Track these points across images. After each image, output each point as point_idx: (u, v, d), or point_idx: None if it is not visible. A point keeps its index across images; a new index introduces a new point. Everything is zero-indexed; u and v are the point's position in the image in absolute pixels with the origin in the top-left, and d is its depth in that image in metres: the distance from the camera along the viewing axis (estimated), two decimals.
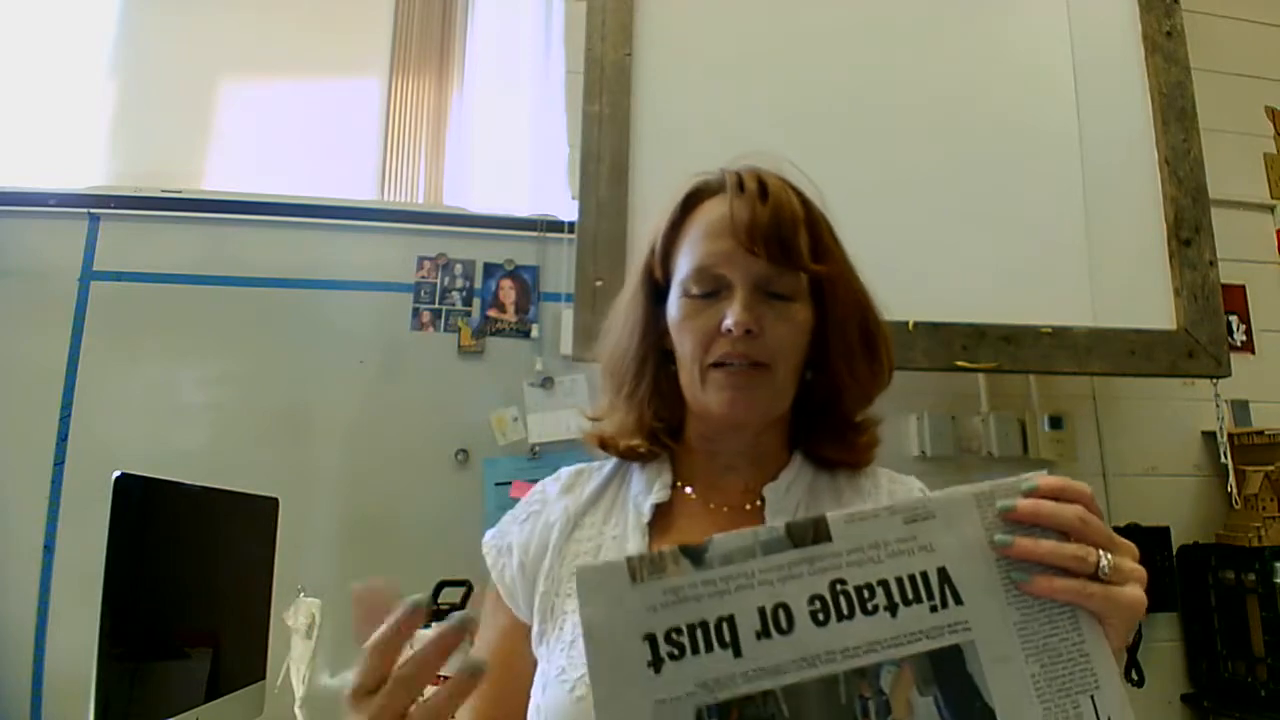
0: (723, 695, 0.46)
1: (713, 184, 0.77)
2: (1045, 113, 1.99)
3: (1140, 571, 0.51)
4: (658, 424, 0.79)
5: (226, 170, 2.20)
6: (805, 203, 0.76)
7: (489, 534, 0.82)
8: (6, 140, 2.10)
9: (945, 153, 1.93)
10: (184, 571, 1.24)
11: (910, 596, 0.48)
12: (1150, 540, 2.06)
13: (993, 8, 2.06)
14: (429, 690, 0.49)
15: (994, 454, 2.06)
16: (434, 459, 1.96)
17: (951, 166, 1.92)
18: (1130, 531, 2.07)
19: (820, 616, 0.47)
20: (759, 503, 0.77)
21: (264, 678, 1.46)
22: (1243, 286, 2.34)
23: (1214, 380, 1.94)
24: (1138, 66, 2.03)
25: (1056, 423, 2.11)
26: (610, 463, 0.85)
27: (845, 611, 0.47)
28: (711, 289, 0.73)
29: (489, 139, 2.30)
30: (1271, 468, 2.03)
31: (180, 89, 2.23)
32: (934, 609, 0.48)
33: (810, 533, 0.49)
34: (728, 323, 0.70)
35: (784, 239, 0.71)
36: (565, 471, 0.86)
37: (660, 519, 0.77)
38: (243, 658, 1.41)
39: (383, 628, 0.49)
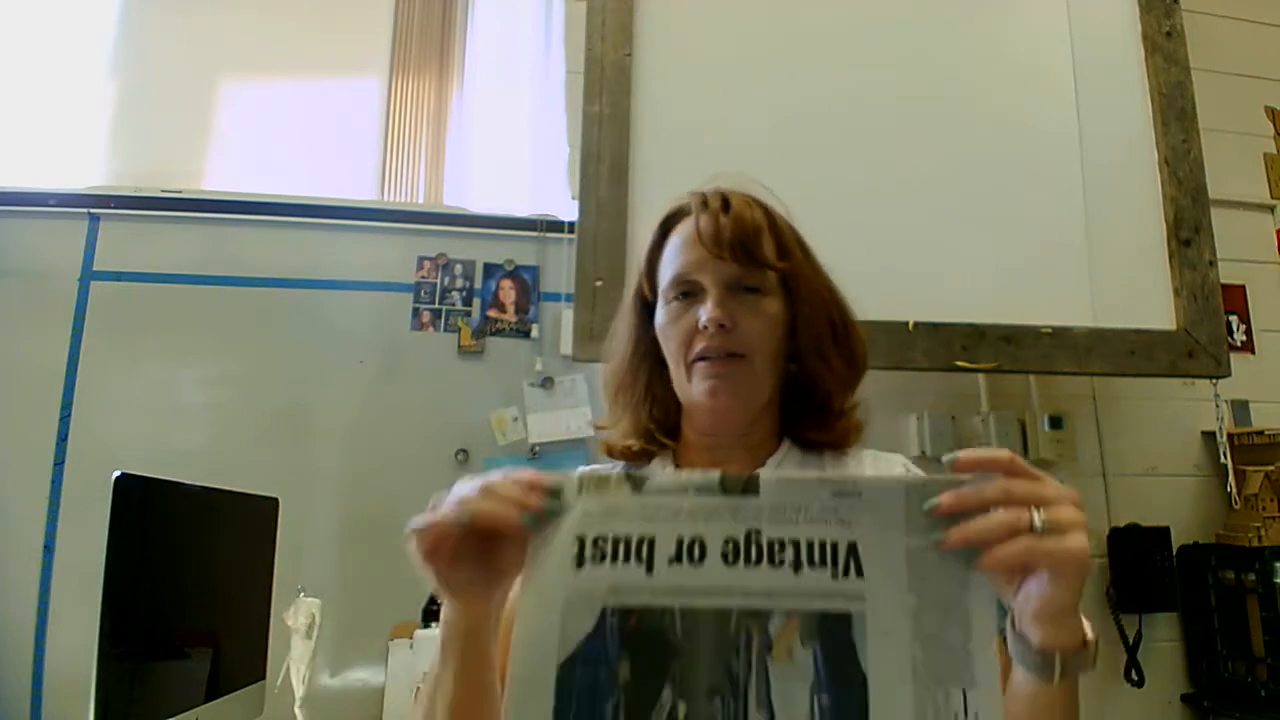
0: (627, 601, 0.52)
1: (685, 207, 0.86)
2: (1045, 113, 1.99)
3: (1079, 519, 0.51)
4: (652, 424, 0.86)
5: (226, 170, 2.20)
6: (768, 212, 0.84)
7: None
8: (6, 140, 2.10)
9: (945, 153, 1.93)
10: (184, 571, 1.24)
11: (816, 559, 0.52)
12: (1150, 540, 2.06)
13: (993, 8, 2.06)
14: None
15: None
16: (434, 459, 1.96)
17: (951, 166, 1.92)
18: (1130, 531, 2.07)
19: (730, 557, 0.53)
20: None
21: (264, 678, 1.46)
22: (1243, 286, 2.34)
23: (1214, 380, 1.94)
24: (1138, 66, 2.03)
25: (1056, 423, 2.10)
26: (620, 464, 0.90)
27: (753, 558, 0.52)
28: (688, 291, 0.81)
29: (489, 139, 2.31)
30: (1271, 468, 2.03)
31: (180, 89, 2.23)
32: (835, 576, 0.52)
33: (741, 485, 0.54)
34: (703, 319, 0.78)
35: (746, 242, 0.80)
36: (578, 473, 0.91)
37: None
38: (243, 658, 1.41)
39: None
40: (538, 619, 0.53)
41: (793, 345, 0.83)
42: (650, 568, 0.53)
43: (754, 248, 0.80)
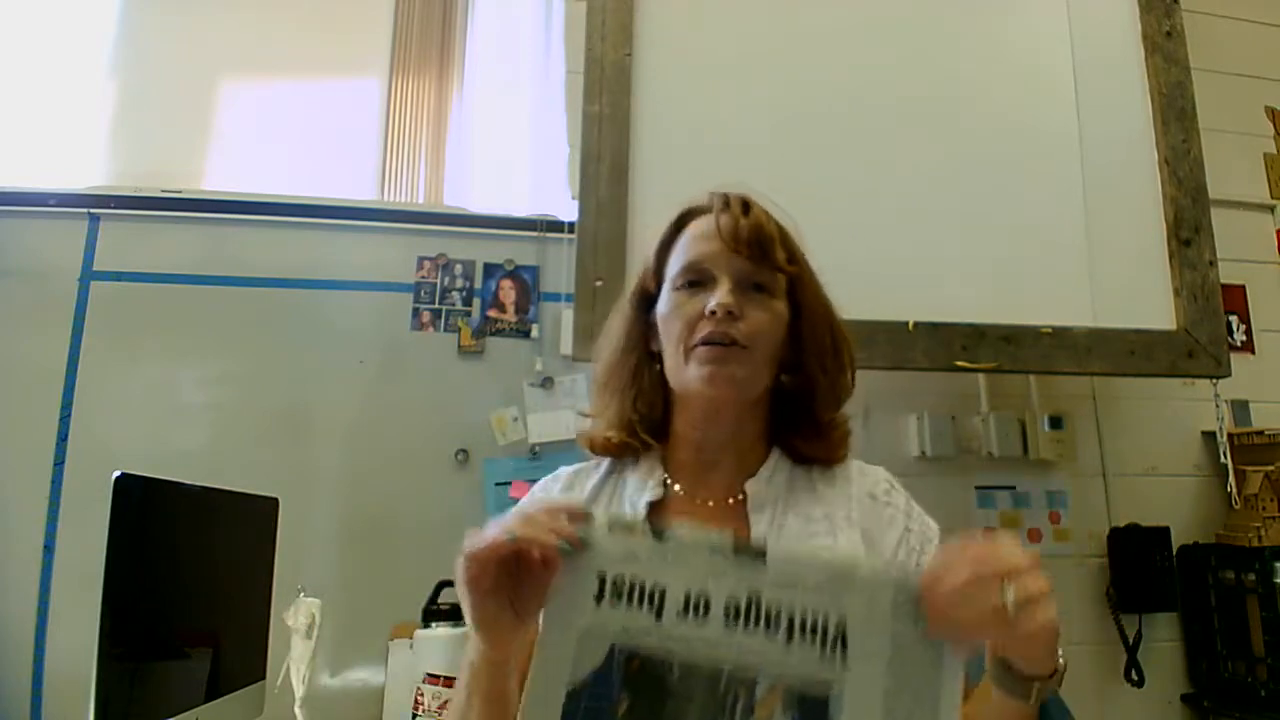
0: (635, 642, 0.57)
1: (701, 205, 0.88)
2: (1045, 113, 1.99)
3: (1044, 587, 0.55)
4: (635, 417, 0.87)
5: (226, 170, 2.20)
6: (780, 226, 0.87)
7: None
8: (6, 140, 2.10)
9: (945, 152, 1.93)
10: (184, 571, 1.24)
11: (806, 635, 0.57)
12: (1150, 540, 2.06)
13: (993, 8, 2.06)
14: None
15: (994, 454, 2.06)
16: (434, 459, 1.96)
17: (951, 166, 1.92)
18: (1130, 531, 2.07)
19: (731, 617, 0.57)
20: (741, 497, 0.85)
21: (264, 678, 1.46)
22: (1243, 286, 2.34)
23: (1214, 380, 1.94)
24: (1138, 66, 2.03)
25: (1056, 423, 2.11)
26: (605, 462, 0.92)
27: (751, 622, 0.57)
28: (698, 279, 0.83)
29: (489, 139, 2.30)
30: (1271, 468, 2.03)
31: (180, 89, 2.23)
32: (821, 654, 0.56)
33: (751, 551, 0.59)
34: (712, 304, 0.80)
35: (763, 243, 0.83)
36: (564, 471, 0.93)
37: (653, 515, 0.84)
38: (243, 658, 1.40)
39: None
40: (556, 645, 0.58)
41: (789, 353, 0.85)
42: (659, 615, 0.58)
43: (769, 249, 0.83)
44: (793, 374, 0.86)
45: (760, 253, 0.82)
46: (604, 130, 1.83)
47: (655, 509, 0.85)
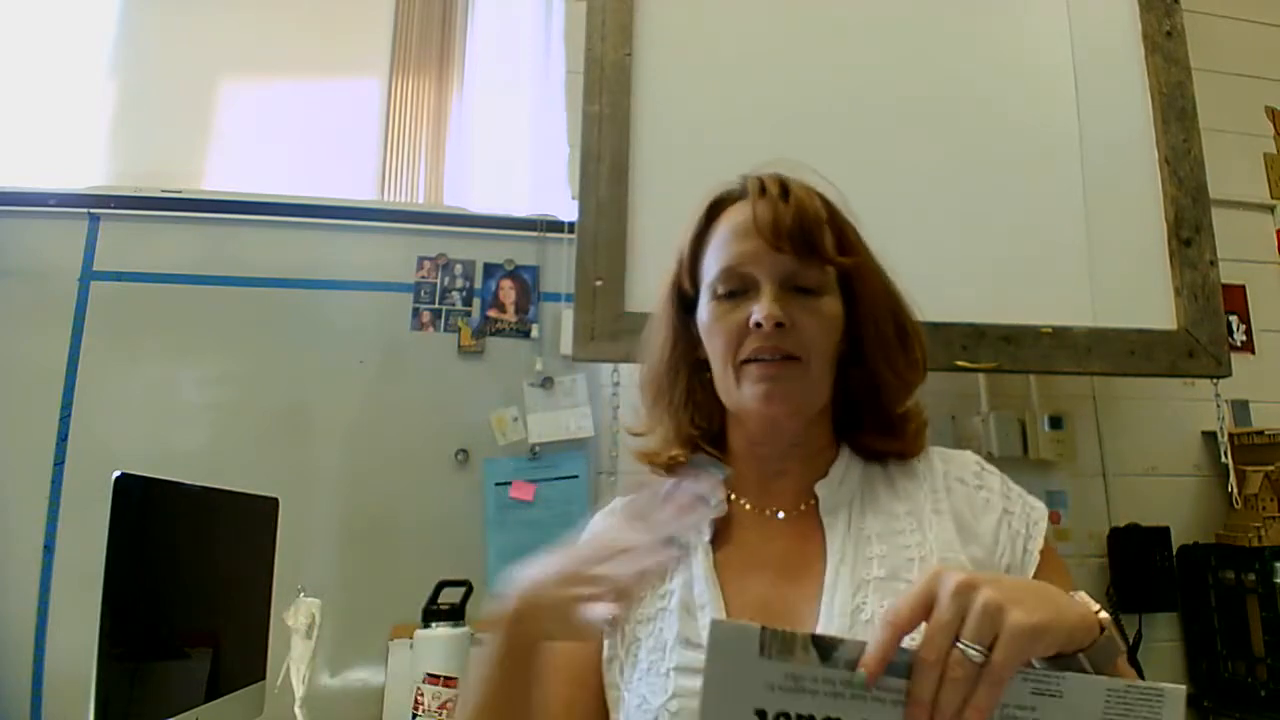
0: None
1: (734, 191, 0.80)
2: (1045, 113, 1.98)
3: (994, 601, 0.48)
4: (695, 431, 0.80)
5: (226, 170, 2.20)
6: (828, 203, 0.78)
7: None
8: (6, 140, 2.10)
9: (945, 152, 1.92)
10: (184, 571, 1.24)
11: None
12: (1150, 540, 2.06)
13: (993, 7, 2.05)
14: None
15: (994, 454, 2.06)
16: (434, 459, 1.96)
17: (951, 166, 1.92)
18: (1130, 531, 2.07)
19: None
20: (812, 501, 0.78)
21: (264, 678, 1.46)
22: (1243, 286, 2.34)
23: (1214, 380, 1.93)
24: (1138, 66, 2.03)
25: (1056, 423, 2.10)
26: (663, 485, 0.85)
27: None
28: (739, 287, 0.74)
29: (489, 139, 2.30)
30: (1271, 468, 2.03)
31: (180, 89, 2.23)
32: None
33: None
34: (757, 316, 0.71)
35: (808, 235, 0.73)
36: (618, 502, 0.86)
37: (719, 532, 0.78)
38: (243, 658, 1.40)
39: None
40: None
41: (849, 348, 0.77)
42: None
43: (815, 241, 0.73)
44: (857, 367, 0.78)
45: (806, 247, 0.73)
46: (604, 130, 1.82)
47: (720, 525, 0.78)
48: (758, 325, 0.71)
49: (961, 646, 0.47)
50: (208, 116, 2.24)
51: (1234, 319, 2.30)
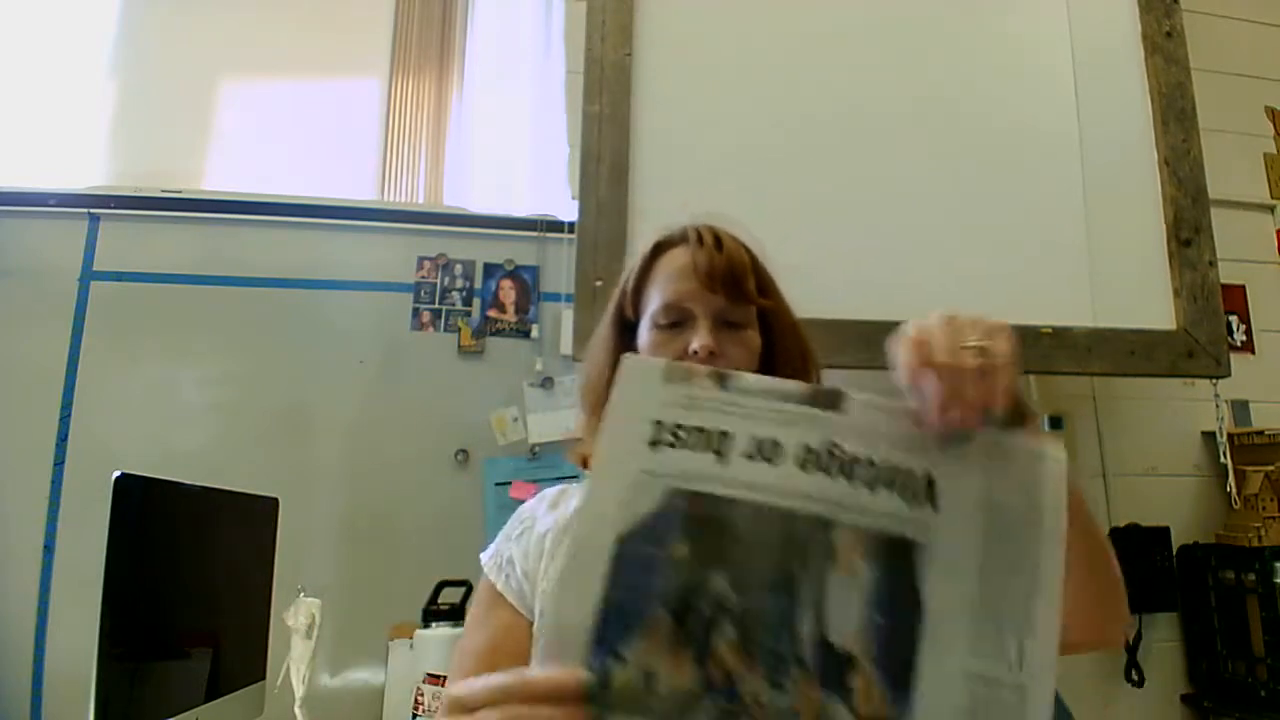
0: (695, 487, 0.52)
1: (675, 237, 0.92)
2: (1045, 113, 1.98)
3: (975, 315, 0.56)
4: None
5: (226, 170, 2.20)
6: (751, 254, 0.91)
7: (485, 554, 0.90)
8: (6, 140, 2.10)
9: (945, 153, 1.92)
10: (184, 571, 1.24)
11: (892, 483, 0.52)
12: (1150, 540, 2.06)
13: (993, 8, 2.05)
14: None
15: None
16: (434, 459, 1.96)
17: (951, 166, 1.92)
18: (1130, 532, 2.07)
19: (806, 464, 0.52)
20: None
21: (264, 678, 1.46)
22: (1243, 286, 2.34)
23: (1214, 380, 1.93)
24: (1138, 66, 2.03)
25: (1056, 423, 2.11)
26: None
27: (829, 469, 0.52)
28: (678, 319, 0.87)
29: (489, 139, 2.30)
30: (1271, 468, 2.03)
31: (180, 89, 2.23)
32: (909, 503, 0.52)
33: (827, 400, 0.55)
34: (694, 345, 0.83)
35: (737, 279, 0.87)
36: (549, 492, 0.96)
37: None
38: (243, 658, 1.40)
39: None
40: (605, 490, 0.53)
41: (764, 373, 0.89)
42: (723, 460, 0.52)
43: (742, 285, 0.87)
44: None
45: (735, 289, 0.86)
46: (604, 130, 1.82)
47: None
48: (694, 353, 0.83)
49: (968, 345, 0.54)
50: (208, 116, 2.24)
51: (1234, 319, 2.31)
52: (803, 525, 0.51)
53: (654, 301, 0.89)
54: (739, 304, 0.87)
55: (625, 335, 0.92)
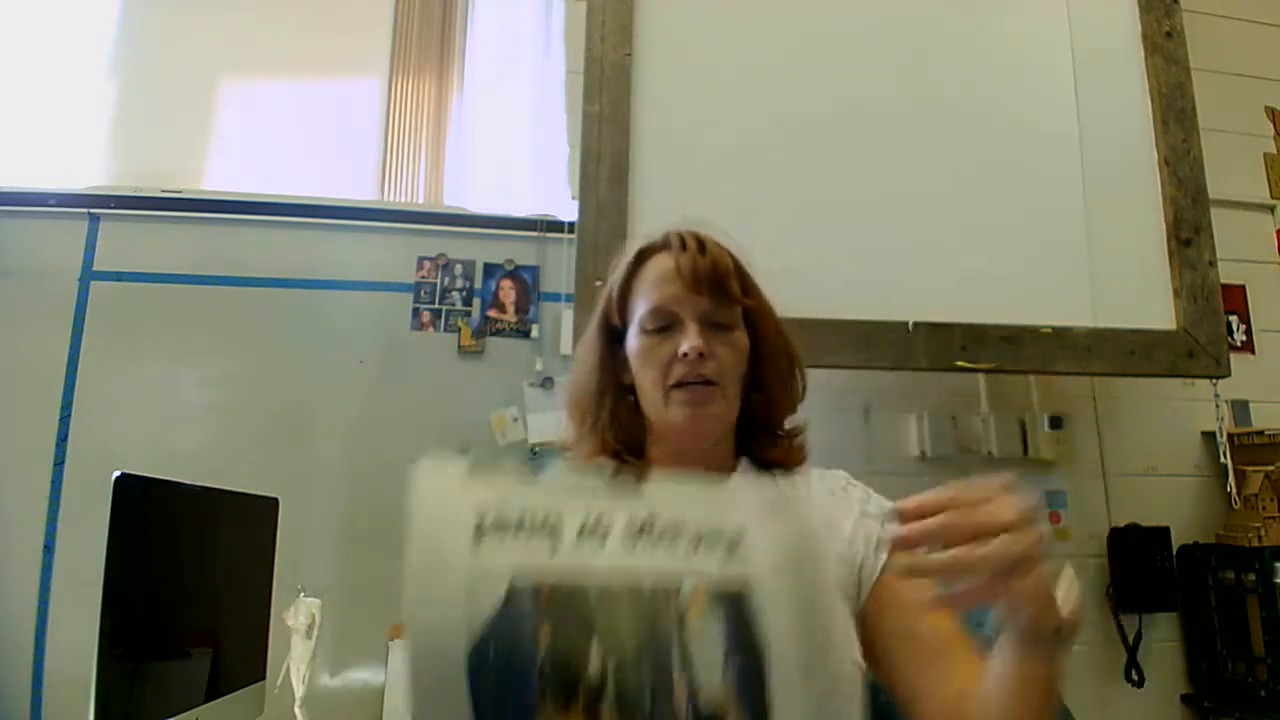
0: (535, 577, 0.52)
1: (657, 243, 0.93)
2: (1045, 113, 1.98)
3: (1025, 544, 0.55)
4: (619, 446, 0.90)
5: (226, 170, 2.20)
6: (734, 257, 0.92)
7: None
8: (6, 140, 2.10)
9: (945, 152, 1.93)
10: (184, 571, 1.24)
11: (714, 541, 0.54)
12: (1150, 540, 2.06)
13: (993, 8, 2.05)
14: None
15: (994, 454, 2.06)
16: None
17: (951, 166, 1.92)
18: (1130, 531, 2.07)
19: (631, 537, 0.54)
20: None
21: (264, 678, 1.46)
22: (1243, 286, 2.34)
23: (1214, 380, 1.94)
24: (1138, 66, 2.03)
25: (1056, 423, 2.10)
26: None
27: (653, 539, 0.54)
28: (665, 324, 0.88)
29: (489, 139, 2.30)
30: (1271, 468, 2.03)
31: (180, 89, 2.23)
32: (726, 558, 0.54)
33: (635, 473, 0.60)
34: (683, 348, 0.84)
35: (720, 281, 0.88)
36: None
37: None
38: (243, 658, 1.40)
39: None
40: (434, 608, 0.53)
41: (752, 375, 0.91)
42: (556, 544, 0.54)
43: (726, 286, 0.88)
44: (757, 393, 0.91)
45: (720, 291, 0.87)
46: (604, 130, 1.83)
47: None
48: (684, 355, 0.84)
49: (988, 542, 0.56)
50: (208, 116, 2.24)
51: (1234, 319, 2.31)
52: (650, 590, 0.53)
53: (640, 308, 0.90)
54: (724, 305, 0.88)
55: (612, 343, 0.93)
